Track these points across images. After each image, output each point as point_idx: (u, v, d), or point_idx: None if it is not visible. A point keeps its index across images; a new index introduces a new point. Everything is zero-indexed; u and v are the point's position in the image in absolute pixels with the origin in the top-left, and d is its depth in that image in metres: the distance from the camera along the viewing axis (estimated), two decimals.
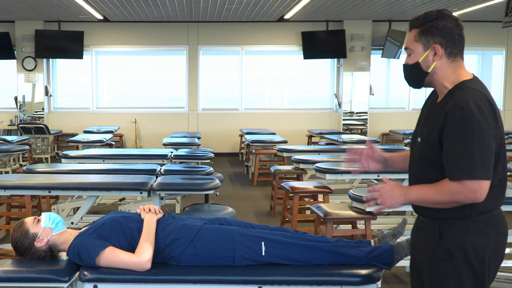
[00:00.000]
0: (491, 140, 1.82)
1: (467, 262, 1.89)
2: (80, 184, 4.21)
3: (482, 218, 1.90)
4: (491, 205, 1.91)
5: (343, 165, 5.08)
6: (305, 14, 10.73)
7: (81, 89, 12.15)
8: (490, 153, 1.83)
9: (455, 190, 1.84)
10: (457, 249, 1.90)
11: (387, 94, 12.59)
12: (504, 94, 12.40)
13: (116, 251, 2.50)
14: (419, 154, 2.00)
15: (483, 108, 1.82)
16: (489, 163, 1.83)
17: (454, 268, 1.91)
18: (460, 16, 11.03)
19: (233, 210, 4.31)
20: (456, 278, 1.91)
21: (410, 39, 2.01)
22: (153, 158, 6.17)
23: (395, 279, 4.09)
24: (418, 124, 2.08)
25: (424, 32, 1.96)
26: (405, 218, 2.67)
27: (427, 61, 1.96)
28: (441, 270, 1.94)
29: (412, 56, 1.99)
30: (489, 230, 1.91)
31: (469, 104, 1.82)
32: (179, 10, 10.19)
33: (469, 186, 1.82)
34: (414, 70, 1.99)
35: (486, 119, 1.82)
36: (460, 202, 1.86)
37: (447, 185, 1.86)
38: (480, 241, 1.89)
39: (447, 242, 1.92)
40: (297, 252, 2.53)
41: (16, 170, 8.08)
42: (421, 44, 1.97)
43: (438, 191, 1.88)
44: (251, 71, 12.31)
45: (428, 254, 1.98)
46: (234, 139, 12.03)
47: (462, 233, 1.90)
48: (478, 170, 1.80)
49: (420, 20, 1.99)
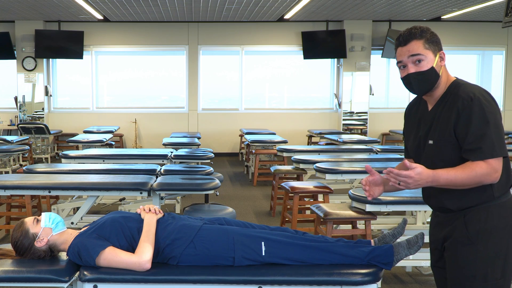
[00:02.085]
0: (500, 121, 2.06)
1: (491, 245, 2.06)
2: (80, 184, 4.21)
3: (502, 202, 2.09)
4: (506, 183, 2.11)
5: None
6: (305, 14, 10.73)
7: (81, 89, 12.15)
8: (502, 132, 2.06)
9: (484, 170, 2.00)
10: (481, 233, 2.07)
11: (387, 94, 12.59)
12: (504, 94, 12.40)
13: (116, 251, 2.50)
14: (434, 155, 2.15)
15: (486, 96, 2.06)
16: (504, 141, 2.06)
17: (477, 253, 2.07)
18: (460, 16, 11.04)
19: (233, 210, 4.32)
20: (479, 262, 2.07)
21: (418, 48, 2.10)
22: (153, 158, 6.18)
23: (395, 279, 4.09)
24: (416, 131, 2.24)
25: (430, 41, 2.11)
26: (405, 218, 2.67)
27: (438, 66, 2.13)
28: (466, 256, 2.09)
29: (423, 62, 2.11)
30: (508, 212, 2.10)
31: (475, 94, 2.04)
32: (179, 10, 10.19)
33: (494, 165, 2.01)
34: (430, 75, 2.12)
35: (492, 104, 2.05)
36: (484, 182, 2.03)
37: (476, 166, 2.01)
38: (501, 223, 2.07)
39: (472, 228, 2.08)
40: (297, 252, 2.53)
41: (16, 170, 8.08)
42: (431, 51, 2.11)
43: (468, 173, 2.01)
44: (251, 71, 12.32)
45: (452, 244, 2.14)
46: (234, 139, 12.03)
47: (487, 218, 2.07)
48: (497, 148, 2.01)
49: (418, 33, 2.11)
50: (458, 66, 12.46)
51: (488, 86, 12.44)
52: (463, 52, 12.49)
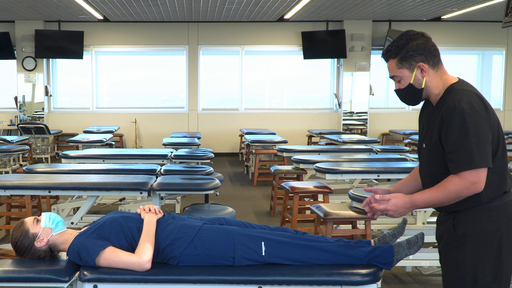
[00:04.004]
0: (485, 131, 2.00)
1: (479, 248, 2.06)
2: (80, 184, 4.21)
3: (492, 206, 2.07)
4: (497, 189, 2.08)
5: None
6: (305, 14, 10.73)
7: (81, 89, 12.15)
8: (486, 143, 2.00)
9: (457, 185, 2.01)
10: (469, 236, 2.08)
11: (387, 94, 12.59)
12: (504, 94, 12.39)
13: (116, 251, 2.50)
14: (425, 159, 2.20)
15: (473, 104, 2.01)
16: (486, 152, 2.00)
17: (465, 255, 2.08)
18: (460, 16, 11.04)
19: (233, 210, 4.32)
20: (467, 264, 2.08)
21: (393, 69, 2.17)
22: (153, 158, 6.17)
23: (395, 279, 4.09)
24: (420, 133, 2.26)
25: (403, 59, 2.13)
26: (405, 218, 2.66)
27: (418, 80, 2.13)
28: (454, 258, 2.12)
29: (402, 81, 2.17)
30: (500, 216, 2.07)
31: (460, 103, 2.01)
32: (179, 10, 10.19)
33: (468, 178, 1.99)
34: (409, 91, 2.17)
35: (477, 113, 2.00)
36: (463, 196, 2.03)
37: (448, 183, 2.03)
38: (491, 227, 2.06)
39: (459, 230, 2.10)
40: (297, 252, 2.53)
41: (16, 170, 8.08)
42: (405, 69, 2.14)
43: (442, 192, 2.05)
44: (251, 71, 12.31)
45: (444, 245, 2.18)
46: (234, 139, 12.03)
47: (474, 221, 2.07)
48: (477, 159, 1.98)
49: (393, 50, 2.14)
50: (458, 66, 12.46)
51: (488, 86, 12.44)
52: (463, 52, 12.48)
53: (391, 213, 2.13)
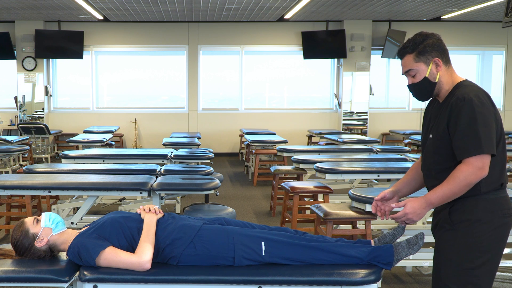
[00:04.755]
0: (491, 120, 2.14)
1: (470, 235, 2.16)
2: (80, 184, 4.21)
3: (490, 197, 2.18)
4: (497, 180, 2.19)
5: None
6: (305, 14, 10.73)
7: (81, 89, 12.15)
8: (492, 131, 2.13)
9: (465, 172, 2.11)
10: (463, 222, 2.18)
11: (387, 94, 12.59)
12: (504, 94, 12.39)
13: (116, 251, 2.50)
14: (432, 148, 2.29)
15: (481, 97, 2.16)
16: (492, 139, 2.12)
17: (456, 239, 2.19)
18: (460, 16, 11.04)
19: (233, 210, 4.31)
20: (456, 248, 2.19)
21: (409, 63, 2.29)
22: (153, 158, 6.17)
23: (395, 279, 4.09)
24: (427, 126, 2.37)
25: (420, 53, 2.26)
26: None
27: (433, 73, 2.27)
28: (446, 240, 2.23)
29: (417, 75, 2.29)
30: (495, 208, 2.18)
31: (469, 95, 2.16)
32: (179, 10, 10.19)
33: (475, 164, 2.10)
34: (424, 85, 2.29)
35: (485, 105, 2.14)
36: (473, 182, 2.12)
37: (456, 172, 2.13)
38: (485, 218, 2.16)
39: (455, 217, 2.21)
40: (297, 252, 2.53)
41: (16, 170, 8.08)
42: (422, 62, 2.27)
43: (452, 182, 2.13)
44: (251, 71, 12.31)
45: (437, 230, 2.30)
46: (234, 139, 12.03)
47: (471, 209, 2.18)
48: (484, 144, 2.10)
49: (411, 46, 2.28)
50: (458, 66, 12.25)
51: (488, 86, 12.43)
52: (463, 52, 12.48)
53: (410, 216, 2.19)
